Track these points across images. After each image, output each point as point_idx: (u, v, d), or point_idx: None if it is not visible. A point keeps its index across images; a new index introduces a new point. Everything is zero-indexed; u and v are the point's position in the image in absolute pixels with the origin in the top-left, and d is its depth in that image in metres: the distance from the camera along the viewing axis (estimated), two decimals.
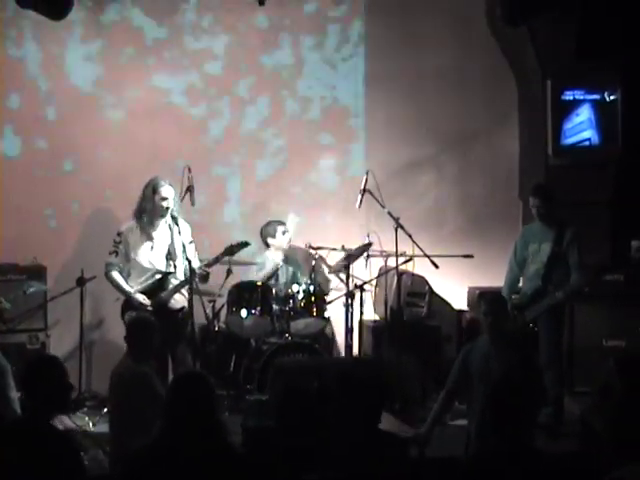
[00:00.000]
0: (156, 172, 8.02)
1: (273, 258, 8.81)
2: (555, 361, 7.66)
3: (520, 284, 8.04)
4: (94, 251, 8.87)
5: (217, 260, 7.79)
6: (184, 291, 7.63)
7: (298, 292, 8.38)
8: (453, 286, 9.22)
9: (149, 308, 7.63)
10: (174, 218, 7.69)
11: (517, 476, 4.32)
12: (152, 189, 7.72)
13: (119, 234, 7.81)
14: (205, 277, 7.77)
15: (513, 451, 4.42)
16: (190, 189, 7.79)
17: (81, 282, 8.42)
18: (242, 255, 8.18)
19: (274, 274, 8.68)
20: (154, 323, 6.49)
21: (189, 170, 7.78)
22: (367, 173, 8.44)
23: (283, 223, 8.85)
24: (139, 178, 8.06)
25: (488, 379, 6.27)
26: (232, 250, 7.80)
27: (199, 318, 7.87)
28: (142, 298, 7.67)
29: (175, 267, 7.72)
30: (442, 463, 6.52)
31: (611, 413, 6.24)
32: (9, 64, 9.12)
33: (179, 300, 7.76)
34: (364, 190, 8.41)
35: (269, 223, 8.88)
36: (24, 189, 9.13)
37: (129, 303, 7.70)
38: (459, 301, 9.24)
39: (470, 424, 6.45)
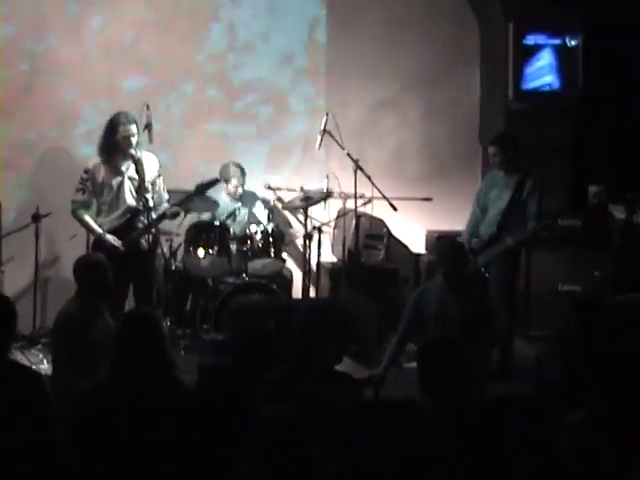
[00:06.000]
0: (114, 108, 7.92)
1: (225, 200, 8.71)
2: (504, 306, 7.68)
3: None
4: (50, 187, 8.80)
5: (188, 199, 7.70)
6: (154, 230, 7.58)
7: (256, 232, 8.33)
8: (411, 229, 9.23)
9: (120, 249, 7.53)
10: (132, 156, 7.55)
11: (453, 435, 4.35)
12: (112, 127, 7.58)
13: (86, 171, 7.67)
14: (176, 215, 7.71)
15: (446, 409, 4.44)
16: (148, 127, 7.69)
17: (36, 218, 8.32)
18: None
19: (232, 214, 8.61)
20: (101, 263, 6.27)
21: (147, 107, 7.68)
22: (327, 114, 8.39)
23: (242, 172, 8.69)
24: (96, 113, 7.86)
25: (445, 322, 6.30)
26: (202, 188, 7.72)
27: None
28: (112, 239, 7.56)
29: (145, 203, 7.56)
30: (396, 404, 6.59)
31: (566, 357, 6.34)
32: None
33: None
34: (324, 131, 8.36)
35: (227, 165, 8.70)
36: None
37: (99, 243, 7.58)
38: (417, 244, 9.25)
39: None
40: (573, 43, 9.21)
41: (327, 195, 8.46)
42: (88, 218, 7.65)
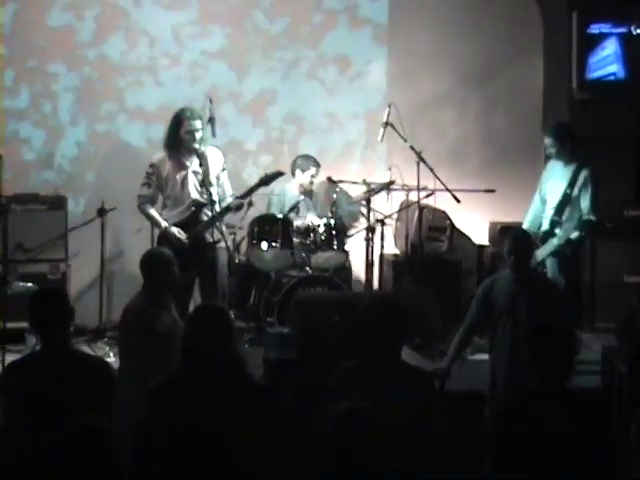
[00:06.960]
0: (177, 103, 7.99)
1: (292, 191, 8.75)
2: None
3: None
4: (115, 181, 8.88)
5: (252, 191, 7.70)
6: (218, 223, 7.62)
7: (319, 225, 8.34)
8: (474, 221, 9.18)
9: (185, 241, 7.58)
10: (197, 151, 7.58)
11: (557, 415, 4.33)
12: (177, 122, 7.63)
13: (151, 165, 7.72)
14: (239, 207, 7.74)
15: (553, 389, 4.44)
16: (212, 120, 7.73)
17: (102, 213, 8.41)
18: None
19: (295, 207, 8.63)
20: (167, 257, 6.25)
21: (210, 101, 7.72)
22: (389, 106, 8.39)
23: (318, 165, 8.74)
24: (160, 108, 7.92)
25: (516, 316, 6.21)
26: (267, 180, 7.74)
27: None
28: (177, 231, 7.61)
29: (209, 197, 7.60)
30: (463, 397, 6.57)
31: (633, 350, 6.26)
32: None
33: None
34: (386, 123, 8.36)
35: (307, 157, 8.75)
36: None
37: (164, 237, 7.63)
38: (480, 236, 9.20)
39: (496, 360, 6.37)
40: (638, 31, 9.09)
41: (389, 184, 8.46)
42: (153, 212, 7.70)
